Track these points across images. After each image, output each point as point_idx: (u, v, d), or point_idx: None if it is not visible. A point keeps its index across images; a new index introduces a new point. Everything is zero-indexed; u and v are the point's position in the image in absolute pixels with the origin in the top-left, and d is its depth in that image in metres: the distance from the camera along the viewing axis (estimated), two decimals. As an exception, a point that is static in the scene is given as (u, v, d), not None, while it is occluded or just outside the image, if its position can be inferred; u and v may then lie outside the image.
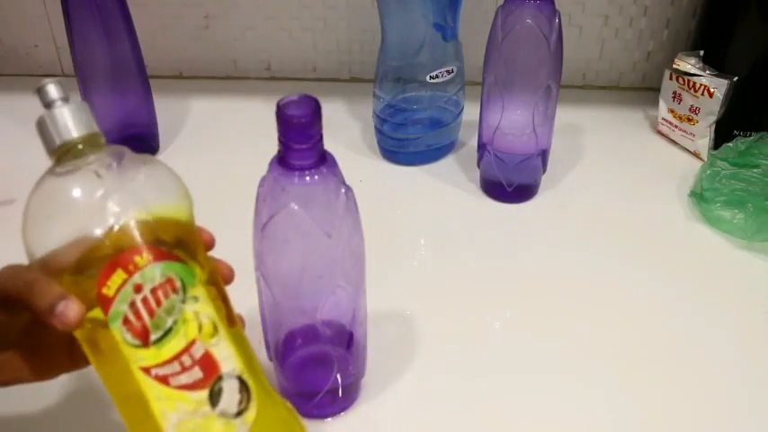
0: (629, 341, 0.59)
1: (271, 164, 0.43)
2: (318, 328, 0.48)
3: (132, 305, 0.35)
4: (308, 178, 0.42)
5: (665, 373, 0.56)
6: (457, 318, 0.61)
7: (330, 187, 0.43)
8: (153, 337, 0.35)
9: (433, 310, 0.61)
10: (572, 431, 0.52)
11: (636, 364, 0.57)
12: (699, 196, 0.72)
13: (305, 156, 0.42)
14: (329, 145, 0.44)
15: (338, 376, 0.51)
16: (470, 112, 0.78)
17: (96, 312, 0.36)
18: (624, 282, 0.65)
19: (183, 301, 0.36)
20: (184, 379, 0.35)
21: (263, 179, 0.44)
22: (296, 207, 0.42)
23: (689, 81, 0.78)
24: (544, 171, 0.75)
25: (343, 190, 0.44)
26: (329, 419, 0.52)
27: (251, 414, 0.37)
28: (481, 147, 0.74)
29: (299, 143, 0.41)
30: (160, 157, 0.81)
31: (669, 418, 0.53)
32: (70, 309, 0.35)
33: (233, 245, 0.49)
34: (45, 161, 0.38)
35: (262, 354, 0.57)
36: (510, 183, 0.73)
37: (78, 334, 0.36)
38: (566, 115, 0.78)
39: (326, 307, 0.47)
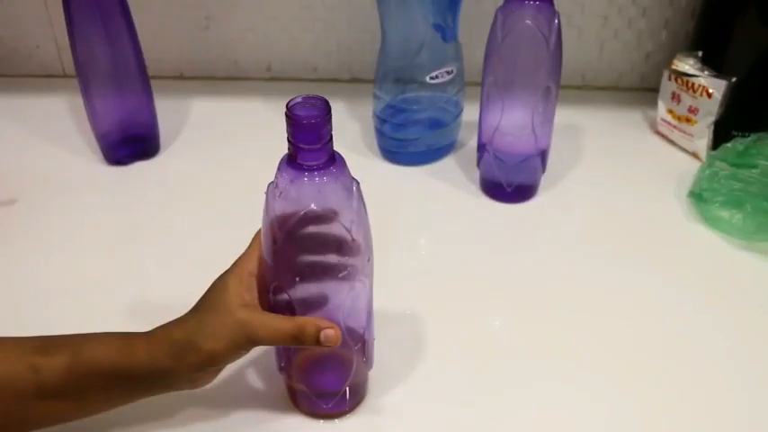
0: (628, 340, 0.59)
1: (280, 165, 0.43)
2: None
3: None
4: (317, 179, 0.42)
5: (664, 372, 0.57)
6: (457, 317, 0.62)
7: (340, 186, 0.43)
8: None
9: (433, 310, 0.62)
10: (574, 427, 0.53)
11: (635, 363, 0.57)
12: (697, 196, 0.73)
13: (316, 156, 0.42)
14: (329, 145, 0.44)
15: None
16: (470, 112, 0.78)
17: None
18: (623, 281, 0.65)
19: None
20: None
21: (273, 181, 0.44)
22: (315, 207, 0.43)
23: (687, 82, 0.79)
24: (543, 171, 0.75)
25: (354, 185, 0.44)
26: (336, 421, 0.53)
27: None
28: (481, 147, 0.74)
29: (311, 144, 0.41)
30: (161, 157, 0.83)
31: (668, 418, 0.53)
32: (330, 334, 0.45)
33: (235, 245, 0.49)
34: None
35: (272, 362, 0.57)
36: (509, 183, 0.73)
37: None
38: (565, 116, 0.79)
39: (346, 305, 0.47)
